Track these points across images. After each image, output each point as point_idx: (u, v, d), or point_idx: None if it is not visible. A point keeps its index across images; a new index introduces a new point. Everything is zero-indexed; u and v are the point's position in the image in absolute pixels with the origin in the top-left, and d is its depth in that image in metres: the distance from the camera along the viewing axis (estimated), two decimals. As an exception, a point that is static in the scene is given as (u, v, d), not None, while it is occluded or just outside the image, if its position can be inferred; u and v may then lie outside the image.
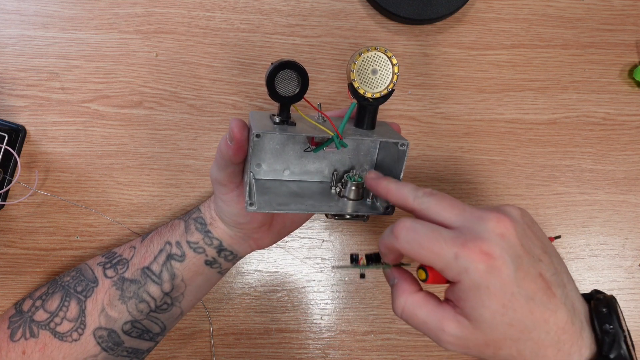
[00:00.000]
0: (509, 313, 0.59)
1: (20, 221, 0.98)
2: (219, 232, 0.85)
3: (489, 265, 0.58)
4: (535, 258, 0.62)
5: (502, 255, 0.59)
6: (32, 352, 0.83)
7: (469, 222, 0.61)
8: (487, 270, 0.58)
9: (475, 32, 1.02)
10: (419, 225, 0.62)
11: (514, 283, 0.59)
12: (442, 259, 0.59)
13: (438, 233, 0.60)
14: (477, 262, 0.58)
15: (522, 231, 0.62)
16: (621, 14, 1.04)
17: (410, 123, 1.02)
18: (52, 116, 0.97)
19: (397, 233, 0.62)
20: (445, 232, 0.61)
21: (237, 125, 0.69)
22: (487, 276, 0.58)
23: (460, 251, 0.58)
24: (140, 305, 0.84)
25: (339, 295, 1.03)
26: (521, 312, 0.60)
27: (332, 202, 0.76)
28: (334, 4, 1.00)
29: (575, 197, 1.04)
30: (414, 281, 0.68)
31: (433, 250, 0.60)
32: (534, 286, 0.60)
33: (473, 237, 0.59)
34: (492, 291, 0.59)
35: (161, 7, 0.98)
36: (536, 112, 1.03)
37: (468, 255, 0.58)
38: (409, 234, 0.62)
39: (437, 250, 0.59)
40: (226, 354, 1.02)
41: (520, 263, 0.60)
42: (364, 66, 0.69)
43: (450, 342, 0.63)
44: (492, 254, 0.58)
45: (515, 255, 0.60)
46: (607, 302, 0.65)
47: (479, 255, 0.58)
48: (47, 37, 0.96)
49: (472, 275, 0.58)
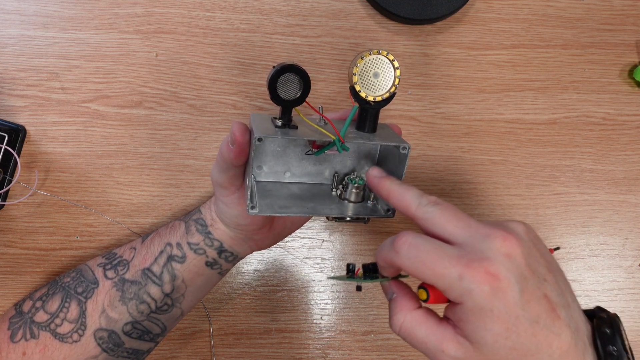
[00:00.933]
0: (512, 337, 0.57)
1: (20, 221, 0.98)
2: (219, 234, 0.85)
3: (494, 287, 0.56)
4: (540, 278, 0.59)
5: (507, 276, 0.56)
6: (32, 353, 0.83)
7: (474, 240, 0.59)
8: (491, 293, 0.56)
9: (475, 32, 1.02)
10: (421, 242, 0.59)
11: (518, 306, 0.56)
12: (446, 280, 0.57)
13: (442, 251, 0.58)
14: (482, 284, 0.55)
15: (528, 250, 0.59)
16: (621, 14, 1.04)
17: (410, 123, 1.02)
18: (52, 116, 0.97)
19: (398, 248, 0.60)
20: (449, 250, 0.58)
21: (238, 129, 0.68)
22: (492, 299, 0.56)
23: (464, 272, 0.56)
24: (140, 306, 0.84)
25: (339, 295, 1.03)
26: (525, 335, 0.57)
27: (333, 204, 0.76)
28: (334, 4, 1.00)
29: (575, 197, 1.04)
30: (414, 297, 0.65)
31: (436, 270, 0.57)
32: (539, 308, 0.58)
33: (478, 257, 0.57)
34: (496, 314, 0.56)
35: (161, 7, 0.97)
36: (536, 112, 1.03)
37: (473, 277, 0.55)
38: (411, 250, 0.59)
39: (441, 270, 0.57)
40: (226, 354, 1.02)
41: (526, 284, 0.57)
42: (366, 69, 0.69)
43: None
44: (497, 276, 0.56)
45: (521, 277, 0.57)
46: (611, 322, 0.63)
47: (484, 276, 0.55)
48: (47, 37, 0.96)
49: (476, 298, 0.56)
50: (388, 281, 0.68)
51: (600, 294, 1.04)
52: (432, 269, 0.57)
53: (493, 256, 0.57)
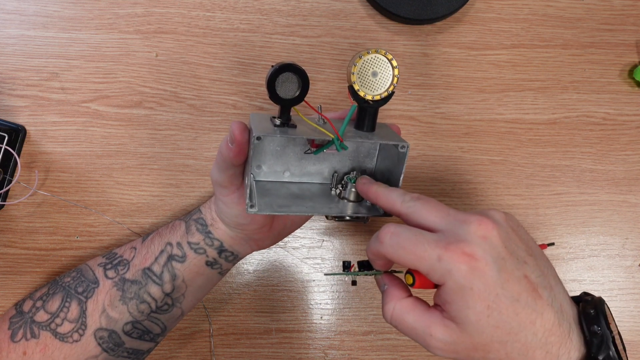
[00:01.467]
0: (494, 314, 0.59)
1: (20, 221, 0.98)
2: (219, 233, 0.85)
3: (472, 266, 0.58)
4: (519, 260, 0.62)
5: (484, 256, 0.59)
6: (32, 353, 0.83)
7: (452, 225, 0.62)
8: (469, 272, 0.58)
9: (475, 32, 1.02)
10: (402, 230, 0.63)
11: (497, 284, 0.59)
12: (426, 262, 0.60)
13: (421, 236, 0.61)
14: (459, 263, 0.58)
15: (505, 234, 0.62)
16: (621, 14, 1.04)
17: (410, 123, 1.02)
18: (52, 116, 0.97)
19: (381, 238, 0.63)
20: (429, 236, 0.61)
21: (238, 128, 0.69)
22: (470, 277, 0.58)
23: (442, 253, 0.59)
24: (141, 306, 0.84)
25: (339, 295, 1.03)
26: (506, 313, 0.59)
27: (332, 203, 0.76)
28: (334, 4, 1.00)
29: (575, 197, 1.04)
30: (404, 287, 0.68)
31: (416, 253, 0.60)
32: (519, 287, 0.60)
33: (455, 239, 0.60)
34: (476, 292, 0.59)
35: (161, 7, 0.97)
36: (536, 112, 1.03)
37: (451, 257, 0.59)
38: (393, 238, 0.62)
39: (420, 253, 0.60)
40: (226, 354, 1.02)
41: (504, 265, 0.60)
42: (365, 68, 0.69)
43: (438, 348, 0.62)
44: (474, 255, 0.59)
45: (498, 257, 0.60)
46: (595, 304, 0.65)
47: (461, 256, 0.59)
48: (47, 37, 0.96)
49: (456, 277, 0.59)
50: (381, 274, 0.71)
51: (600, 294, 1.04)
52: (412, 253, 0.61)
53: (470, 238, 0.60)
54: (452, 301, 0.60)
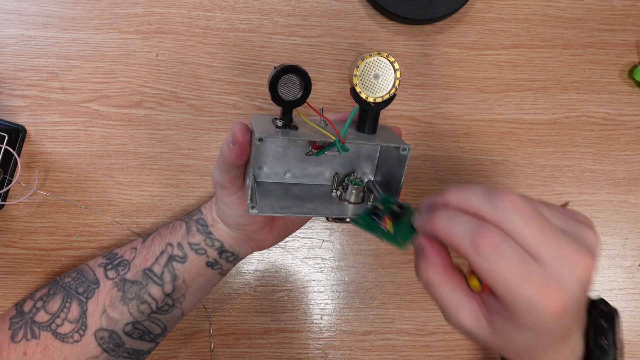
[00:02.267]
0: (535, 347, 0.57)
1: (20, 221, 0.98)
2: (220, 234, 0.85)
3: (557, 316, 0.53)
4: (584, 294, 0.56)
5: (572, 310, 0.54)
6: (33, 353, 0.83)
7: (558, 261, 0.53)
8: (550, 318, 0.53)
9: (475, 32, 1.02)
10: (509, 250, 0.53)
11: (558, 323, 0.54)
12: (515, 298, 0.52)
13: (525, 269, 0.52)
14: (549, 314, 0.52)
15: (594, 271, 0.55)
16: (621, 14, 1.04)
17: (410, 123, 1.02)
18: (52, 116, 0.97)
19: (479, 245, 0.53)
20: (533, 270, 0.52)
21: (240, 129, 0.69)
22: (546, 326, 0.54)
23: (537, 297, 0.52)
24: (141, 306, 0.84)
25: (339, 295, 1.03)
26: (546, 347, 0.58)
27: (333, 205, 0.76)
28: (334, 4, 1.00)
29: (575, 197, 1.04)
30: (446, 253, 0.61)
31: (511, 285, 0.52)
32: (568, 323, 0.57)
33: (557, 284, 0.52)
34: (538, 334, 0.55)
35: (161, 7, 0.97)
36: (536, 112, 1.03)
37: (543, 303, 0.52)
38: (493, 253, 0.53)
39: (516, 288, 0.52)
40: (226, 354, 1.02)
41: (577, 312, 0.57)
42: (366, 71, 0.69)
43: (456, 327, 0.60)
44: (567, 308, 0.53)
45: (578, 304, 0.55)
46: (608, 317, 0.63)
47: (555, 308, 0.52)
48: (47, 37, 0.96)
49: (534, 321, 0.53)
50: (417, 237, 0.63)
51: (600, 294, 1.04)
52: (507, 283, 0.52)
53: (570, 287, 0.52)
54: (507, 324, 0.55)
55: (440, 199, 0.60)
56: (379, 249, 1.02)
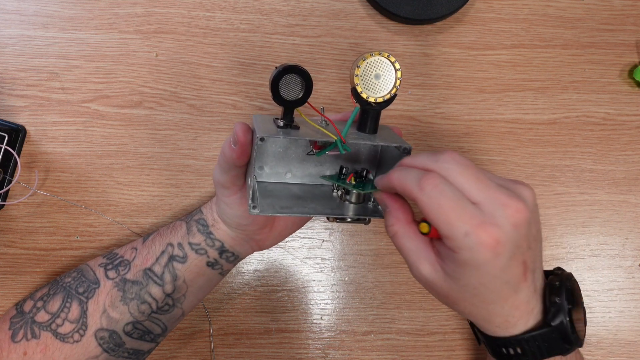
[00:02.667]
0: (480, 288, 0.63)
1: (20, 221, 0.98)
2: (220, 234, 0.85)
3: (492, 252, 0.60)
4: (527, 246, 0.64)
5: (506, 244, 0.60)
6: (33, 353, 0.83)
7: (490, 203, 0.61)
8: (487, 255, 0.60)
9: (475, 32, 1.02)
10: (447, 188, 0.61)
11: (501, 269, 0.61)
12: (453, 231, 0.60)
13: (462, 204, 0.60)
14: (484, 247, 0.59)
15: (531, 221, 0.63)
16: (621, 14, 1.04)
17: (410, 123, 1.02)
18: (52, 116, 0.97)
19: (423, 185, 0.61)
20: (468, 207, 0.60)
21: (241, 129, 0.69)
22: (484, 259, 0.60)
23: (472, 231, 0.59)
24: (141, 306, 0.84)
25: (339, 295, 1.03)
26: (492, 290, 0.64)
27: (334, 205, 0.76)
28: (334, 4, 1.00)
29: (575, 197, 1.04)
30: (408, 210, 0.69)
31: (449, 218, 0.60)
32: (515, 272, 0.64)
33: (490, 222, 0.60)
34: (480, 271, 0.61)
35: (161, 7, 0.97)
36: (536, 112, 1.03)
37: (478, 238, 0.59)
38: (434, 191, 0.61)
39: (453, 220, 0.60)
40: (226, 354, 1.02)
41: (515, 252, 0.62)
42: (367, 71, 0.69)
43: (418, 278, 0.67)
44: (499, 242, 0.59)
45: (516, 246, 0.62)
46: (561, 278, 0.70)
47: (488, 240, 0.59)
48: (47, 37, 0.96)
49: (473, 255, 0.60)
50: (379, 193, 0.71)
51: (600, 294, 1.04)
52: (446, 216, 0.60)
53: (502, 224, 0.60)
54: (453, 265, 0.63)
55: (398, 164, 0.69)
56: (379, 249, 1.03)
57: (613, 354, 1.04)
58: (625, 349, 1.04)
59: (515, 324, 0.68)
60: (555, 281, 0.70)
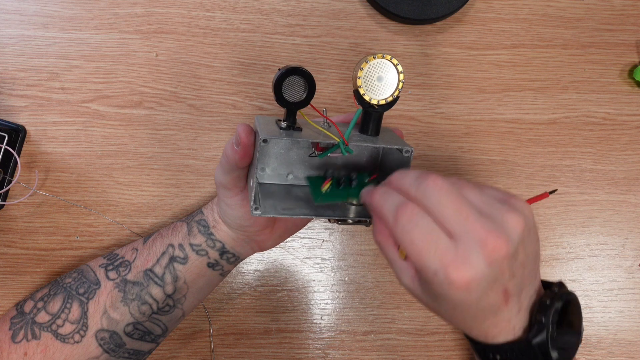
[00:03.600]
0: (456, 312, 0.63)
1: (20, 221, 0.98)
2: (221, 235, 0.85)
3: (464, 289, 0.58)
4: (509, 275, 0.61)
5: (480, 283, 0.58)
6: (33, 354, 0.83)
7: (467, 238, 0.58)
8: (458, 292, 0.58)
9: (475, 32, 1.02)
10: (420, 220, 0.59)
11: (475, 301, 0.60)
12: (424, 266, 0.58)
13: (434, 239, 0.58)
14: (453, 287, 0.57)
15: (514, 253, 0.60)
16: (621, 14, 1.04)
17: (410, 123, 1.02)
18: (52, 116, 0.97)
19: (398, 217, 0.60)
20: (442, 241, 0.58)
21: (244, 131, 0.69)
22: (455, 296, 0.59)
23: (442, 270, 0.57)
24: (142, 307, 0.84)
25: (339, 295, 1.03)
26: (467, 314, 0.63)
27: (336, 206, 0.76)
28: (334, 4, 1.00)
29: (575, 197, 1.04)
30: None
31: (420, 254, 0.58)
32: (492, 301, 0.61)
33: (463, 260, 0.57)
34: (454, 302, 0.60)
35: (161, 7, 0.97)
36: (536, 112, 1.03)
37: (448, 276, 0.57)
38: (408, 224, 0.59)
39: (424, 257, 0.58)
40: (226, 354, 1.02)
41: (492, 285, 0.59)
42: (370, 73, 0.69)
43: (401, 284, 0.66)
44: (472, 282, 0.57)
45: (493, 280, 0.59)
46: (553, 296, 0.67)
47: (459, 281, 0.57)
48: (47, 37, 0.96)
49: (443, 291, 0.58)
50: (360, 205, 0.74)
51: (600, 294, 1.04)
52: (418, 250, 0.59)
53: (476, 263, 0.57)
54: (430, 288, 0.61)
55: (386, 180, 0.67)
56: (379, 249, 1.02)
57: (613, 353, 1.04)
58: (625, 349, 1.04)
59: (495, 337, 0.66)
60: (546, 299, 0.67)
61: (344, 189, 0.75)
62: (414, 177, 0.63)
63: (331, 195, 0.74)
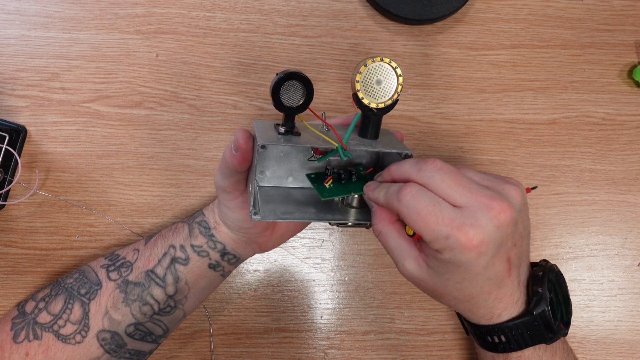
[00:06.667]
0: (464, 283, 0.66)
1: (21, 221, 0.98)
2: (222, 236, 0.85)
3: (474, 252, 0.62)
4: (512, 244, 0.66)
5: (489, 245, 0.62)
6: (35, 354, 0.83)
7: (473, 206, 0.63)
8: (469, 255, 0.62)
9: (475, 32, 1.02)
10: (423, 195, 0.63)
11: (483, 267, 0.64)
12: (433, 234, 0.62)
13: (439, 208, 0.62)
14: (465, 249, 0.61)
15: (516, 220, 0.65)
16: (621, 14, 1.04)
17: (410, 123, 1.02)
18: (52, 116, 0.97)
19: (401, 196, 0.64)
20: (446, 210, 0.62)
21: (242, 136, 0.69)
22: (466, 259, 0.62)
23: (453, 234, 0.61)
24: (143, 308, 0.84)
25: (339, 295, 1.03)
26: (475, 286, 0.67)
27: (335, 210, 0.76)
28: (334, 4, 1.00)
29: (574, 197, 1.04)
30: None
31: (428, 224, 0.62)
32: (498, 269, 0.66)
33: (471, 223, 0.62)
34: (462, 269, 0.64)
35: (161, 8, 0.98)
36: (536, 112, 1.03)
37: (459, 240, 0.61)
38: (412, 200, 0.63)
39: (432, 225, 0.62)
40: (226, 354, 1.02)
41: (499, 251, 0.64)
42: (369, 77, 0.69)
43: (404, 274, 0.70)
44: (482, 244, 0.62)
45: (499, 244, 0.64)
46: (544, 269, 0.73)
47: (469, 242, 0.61)
48: (48, 38, 0.96)
49: (455, 255, 0.62)
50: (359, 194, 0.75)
51: (600, 293, 1.04)
52: (424, 222, 0.62)
53: (484, 225, 0.62)
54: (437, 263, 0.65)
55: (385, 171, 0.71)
56: (379, 249, 1.03)
57: (612, 353, 1.04)
58: (624, 349, 1.04)
59: (500, 315, 0.71)
60: (538, 272, 0.73)
61: (346, 184, 0.76)
62: (412, 163, 0.68)
63: (336, 190, 0.74)
